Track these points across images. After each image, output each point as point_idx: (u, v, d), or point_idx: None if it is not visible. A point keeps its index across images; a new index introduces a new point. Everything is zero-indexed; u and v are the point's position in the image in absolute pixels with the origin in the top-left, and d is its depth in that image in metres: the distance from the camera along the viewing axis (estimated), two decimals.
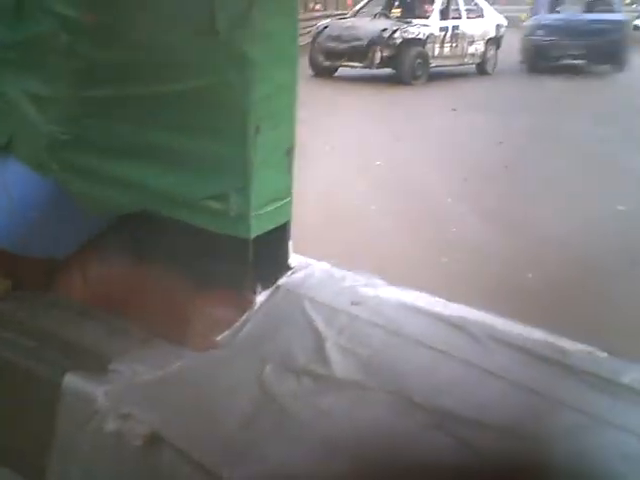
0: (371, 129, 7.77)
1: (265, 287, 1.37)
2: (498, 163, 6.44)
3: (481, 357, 1.16)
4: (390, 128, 7.94)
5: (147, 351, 1.26)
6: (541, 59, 13.13)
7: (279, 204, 1.36)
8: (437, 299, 1.36)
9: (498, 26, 14.77)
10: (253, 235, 1.30)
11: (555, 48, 12.66)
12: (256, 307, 1.33)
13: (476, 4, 14.73)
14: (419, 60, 12.26)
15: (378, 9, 14.54)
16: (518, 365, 1.15)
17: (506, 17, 15.00)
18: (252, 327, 1.30)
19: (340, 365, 1.17)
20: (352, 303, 1.33)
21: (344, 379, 1.15)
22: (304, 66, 11.95)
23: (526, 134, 7.82)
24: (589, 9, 14.08)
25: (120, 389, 1.15)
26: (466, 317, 1.28)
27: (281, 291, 1.38)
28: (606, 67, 12.98)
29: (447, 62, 13.30)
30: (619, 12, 14.06)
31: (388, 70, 12.19)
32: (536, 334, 1.24)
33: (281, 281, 1.40)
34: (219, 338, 1.28)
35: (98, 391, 1.14)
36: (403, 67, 12.00)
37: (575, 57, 12.97)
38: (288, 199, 1.38)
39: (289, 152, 1.36)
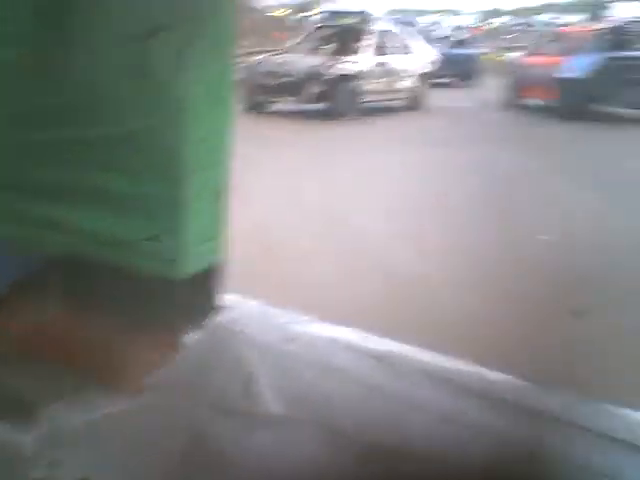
0: (304, 164, 7.84)
1: (197, 327, 1.37)
2: (428, 195, 6.60)
3: (407, 389, 1.19)
4: (324, 163, 8.03)
5: (77, 396, 1.24)
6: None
7: (212, 244, 1.37)
8: (366, 334, 1.39)
9: (429, 62, 15.19)
10: (185, 275, 1.31)
11: (438, 71, 16.98)
12: (188, 347, 1.34)
13: (408, 40, 15.13)
14: (352, 95, 12.46)
15: (311, 45, 14.76)
16: (442, 396, 1.18)
17: None
18: (184, 368, 1.31)
19: (271, 402, 1.19)
20: (283, 340, 1.35)
21: (275, 415, 1.16)
22: (238, 102, 12.01)
23: (456, 166, 8.04)
24: (455, 46, 20.39)
25: (50, 435, 1.14)
26: (393, 351, 1.31)
27: (213, 330, 1.39)
28: (468, 82, 19.16)
29: (380, 97, 13.54)
30: (474, 49, 21.35)
31: (322, 105, 12.35)
32: (459, 365, 1.28)
33: (213, 320, 1.41)
34: (151, 380, 1.28)
35: (26, 438, 1.12)
36: (336, 102, 12.17)
37: (449, 77, 18.54)
38: (221, 239, 1.40)
39: (222, 193, 1.38)
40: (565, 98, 12.34)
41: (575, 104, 12.19)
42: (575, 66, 12.83)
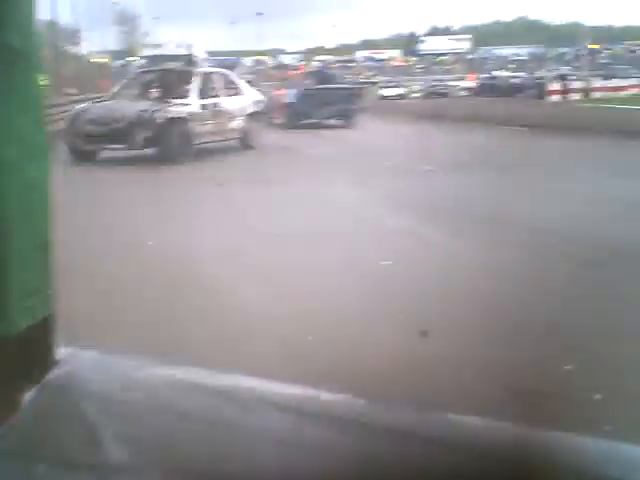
0: (136, 210, 7.75)
1: (31, 385, 1.33)
2: (263, 229, 6.72)
3: (251, 421, 1.22)
4: (156, 207, 7.97)
5: None
6: None
7: (38, 298, 1.34)
8: (208, 371, 1.40)
9: (257, 102, 15.48)
10: (11, 332, 1.26)
11: None
12: (23, 407, 1.29)
13: (233, 82, 15.34)
14: (182, 138, 12.43)
15: (138, 90, 14.60)
16: (285, 423, 1.21)
17: None
18: (21, 428, 1.26)
19: (115, 451, 1.17)
20: (124, 387, 1.33)
21: (120, 465, 1.14)
22: (64, 151, 11.66)
23: (290, 199, 8.24)
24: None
25: None
26: (236, 385, 1.33)
27: (49, 387, 1.34)
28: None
29: (211, 139, 13.62)
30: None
31: (153, 150, 12.22)
32: (302, 391, 1.32)
33: (48, 376, 1.36)
34: None
35: None
36: (167, 146, 12.10)
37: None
38: (48, 292, 1.37)
39: (45, 245, 1.35)
40: (287, 116, 19.68)
41: (292, 119, 19.81)
42: (291, 95, 21.06)
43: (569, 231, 6.58)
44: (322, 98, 20.47)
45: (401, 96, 50.10)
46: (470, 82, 54.64)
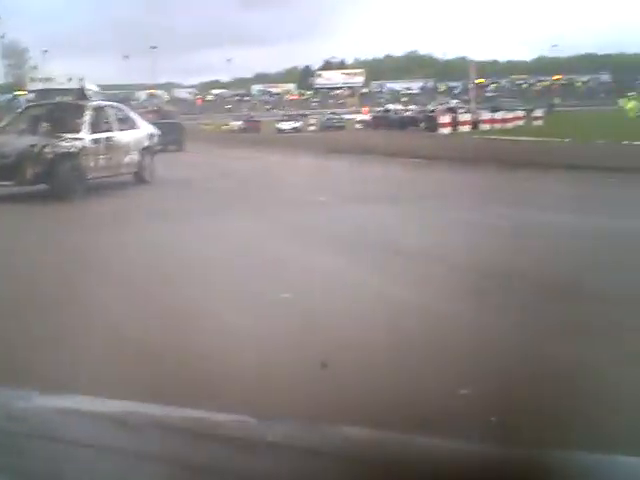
0: (21, 249, 7.54)
1: None
2: (155, 263, 6.65)
3: (143, 445, 1.20)
4: (44, 247, 7.77)
5: None
6: None
7: None
8: (97, 399, 1.37)
9: (151, 135, 15.30)
10: None
11: None
12: None
13: (127, 115, 15.12)
14: (74, 173, 12.13)
15: (25, 125, 14.16)
16: (178, 446, 1.20)
17: None
18: None
19: None
20: (7, 419, 1.29)
21: None
22: None
23: (183, 232, 8.18)
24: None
25: None
26: (126, 410, 1.31)
27: None
28: None
29: (104, 173, 13.35)
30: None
31: (44, 186, 11.87)
32: (194, 413, 1.31)
33: None
34: None
35: None
36: (58, 182, 11.77)
37: None
38: None
39: None
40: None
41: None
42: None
43: (457, 258, 6.80)
44: (163, 130, 24.52)
45: (297, 129, 50.86)
46: (364, 115, 55.95)
